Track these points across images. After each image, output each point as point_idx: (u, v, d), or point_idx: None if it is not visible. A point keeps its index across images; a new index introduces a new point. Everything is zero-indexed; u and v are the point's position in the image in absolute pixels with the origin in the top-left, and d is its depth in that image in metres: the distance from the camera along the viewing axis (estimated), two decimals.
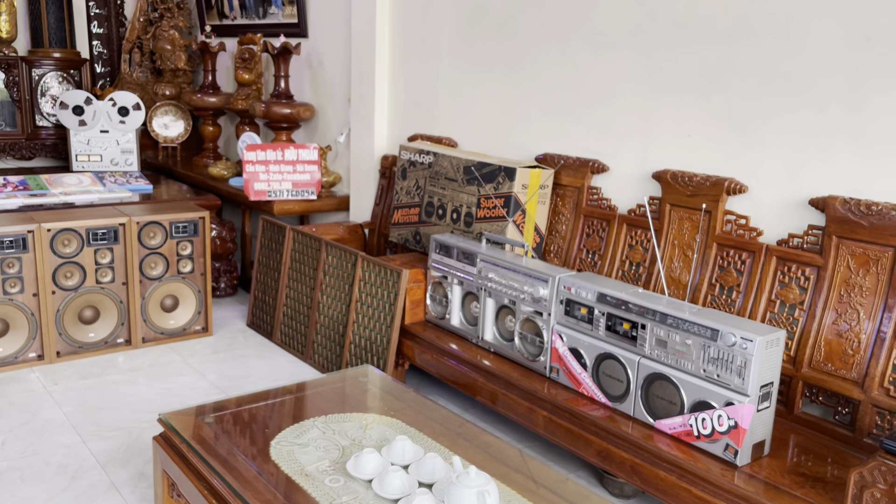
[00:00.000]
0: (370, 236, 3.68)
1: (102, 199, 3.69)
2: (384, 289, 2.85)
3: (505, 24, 3.04)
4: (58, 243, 3.01)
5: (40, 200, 3.53)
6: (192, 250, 3.36)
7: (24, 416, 2.63)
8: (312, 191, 3.84)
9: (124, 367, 3.09)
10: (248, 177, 3.76)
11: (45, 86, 4.67)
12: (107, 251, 3.14)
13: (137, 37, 5.06)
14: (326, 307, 3.13)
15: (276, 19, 4.38)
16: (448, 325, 2.76)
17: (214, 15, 4.94)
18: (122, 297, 3.21)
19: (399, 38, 3.55)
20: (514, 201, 2.72)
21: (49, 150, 4.70)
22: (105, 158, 4.44)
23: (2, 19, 4.56)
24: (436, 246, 2.79)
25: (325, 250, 3.15)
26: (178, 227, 3.30)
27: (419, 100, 3.50)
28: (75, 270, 3.07)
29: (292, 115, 4.04)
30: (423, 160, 3.12)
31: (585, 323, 2.25)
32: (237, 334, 3.54)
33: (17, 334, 2.99)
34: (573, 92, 2.82)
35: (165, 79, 5.06)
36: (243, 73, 4.35)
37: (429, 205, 3.09)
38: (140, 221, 3.20)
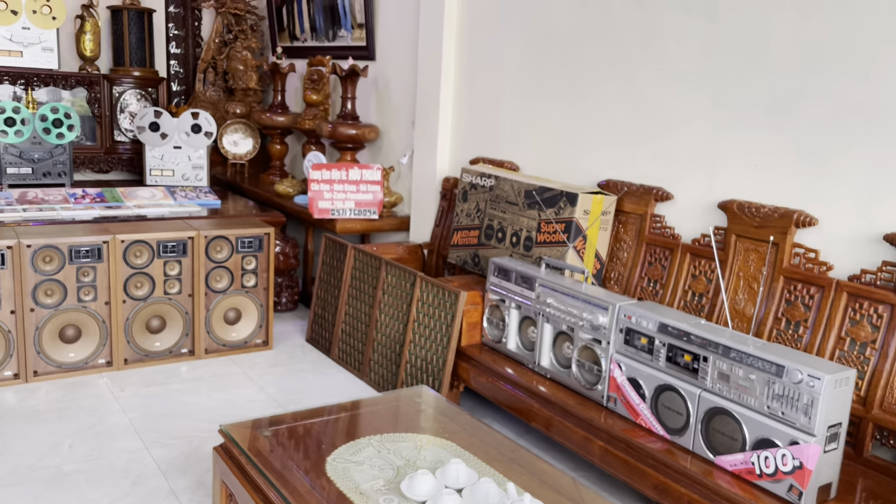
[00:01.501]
0: (429, 257, 3.71)
1: (173, 212, 3.82)
2: (442, 310, 2.86)
3: (571, 50, 3.05)
4: (130, 254, 3.13)
5: (115, 212, 3.68)
6: (256, 265, 3.45)
7: (91, 420, 2.73)
8: (374, 210, 3.90)
9: (187, 377, 3.17)
10: (312, 195, 3.84)
11: (124, 102, 4.88)
12: (175, 263, 3.24)
13: (212, 57, 5.24)
14: (384, 326, 3.16)
15: (345, 42, 4.49)
16: (504, 349, 2.75)
17: (286, 37, 5.09)
18: (188, 308, 3.31)
19: (464, 62, 3.59)
20: (576, 227, 2.71)
21: (125, 164, 4.90)
22: (177, 173, 4.61)
23: (87, 39, 4.80)
24: (494, 269, 2.79)
25: (384, 269, 3.19)
26: (243, 242, 3.39)
27: (482, 123, 3.53)
28: (145, 281, 3.19)
29: (358, 135, 4.11)
30: (485, 183, 3.14)
31: (645, 353, 2.22)
32: (296, 349, 3.60)
33: (89, 341, 3.11)
34: (638, 118, 2.80)
35: (237, 98, 5.22)
36: (312, 93, 4.46)
37: (488, 228, 3.10)
38: (208, 235, 3.30)
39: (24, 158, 4.30)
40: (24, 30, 4.50)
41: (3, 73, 4.45)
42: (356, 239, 4.26)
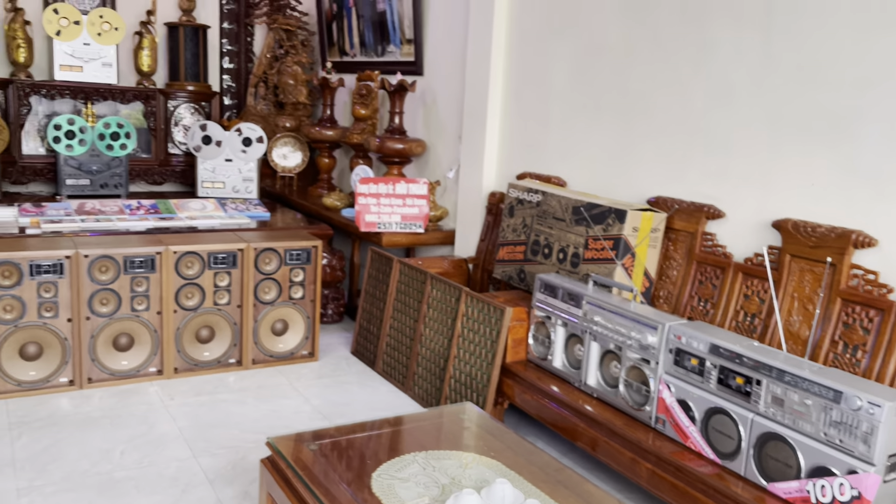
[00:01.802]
0: (474, 271, 3.70)
1: (223, 224, 3.89)
2: (487, 325, 2.85)
3: (620, 65, 3.02)
4: (182, 265, 3.20)
5: (168, 224, 3.77)
6: (303, 277, 3.49)
7: (142, 427, 2.78)
8: (420, 224, 3.91)
9: (234, 387, 3.22)
10: (359, 208, 3.88)
11: (178, 116, 5.01)
12: (225, 275, 3.30)
13: (263, 72, 5.35)
14: (429, 340, 3.16)
15: (394, 57, 4.53)
16: (550, 367, 2.73)
17: (336, 52, 5.16)
18: (237, 319, 3.36)
19: (512, 77, 3.59)
20: (624, 244, 2.67)
21: (178, 176, 5.02)
22: (228, 185, 4.70)
23: (144, 54, 4.94)
24: (541, 285, 2.77)
25: (429, 283, 3.19)
26: (292, 254, 3.44)
27: (529, 138, 3.52)
28: (196, 292, 3.25)
29: (405, 150, 4.14)
30: (532, 199, 3.13)
31: (696, 374, 2.17)
32: (341, 361, 3.62)
33: (141, 349, 3.18)
34: (689, 135, 2.76)
35: (287, 112, 5.31)
36: (360, 108, 4.51)
37: (535, 243, 3.08)
38: (257, 247, 3.35)
39: (83, 170, 4.44)
40: (85, 46, 4.65)
41: (64, 87, 4.61)
42: (401, 252, 4.28)
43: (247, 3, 5.34)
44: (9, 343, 2.90)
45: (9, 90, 4.49)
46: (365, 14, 4.71)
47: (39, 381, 2.99)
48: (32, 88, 4.53)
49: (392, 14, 4.45)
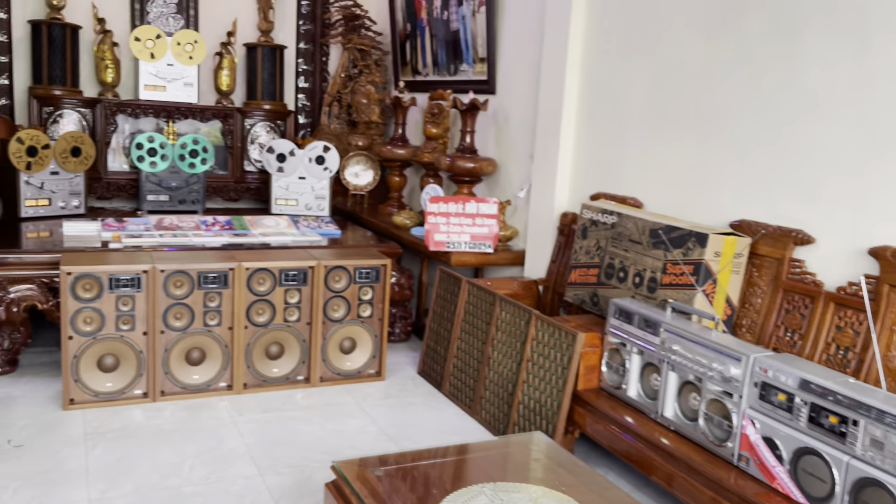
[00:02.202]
0: (544, 293, 3.61)
1: (295, 241, 3.92)
2: (558, 350, 2.76)
3: (702, 82, 2.91)
4: (254, 281, 3.23)
5: (241, 240, 3.83)
6: (372, 295, 3.47)
7: (210, 442, 2.80)
8: (489, 244, 3.85)
9: (301, 405, 3.22)
10: (429, 227, 3.85)
11: (254, 134, 5.11)
12: (295, 292, 3.32)
13: (337, 91, 5.42)
14: (497, 363, 3.08)
15: (467, 76, 4.51)
16: (624, 396, 2.61)
17: (409, 71, 5.18)
18: (306, 336, 3.37)
19: (587, 96, 3.51)
20: (705, 269, 2.55)
21: (253, 193, 5.11)
22: (300, 203, 4.76)
23: (223, 74, 5.07)
24: (615, 311, 2.67)
25: (498, 305, 3.13)
26: (361, 272, 3.43)
27: (604, 158, 3.42)
28: (266, 308, 3.27)
29: (475, 169, 4.10)
30: (606, 220, 3.03)
31: (784, 411, 2.03)
32: (408, 381, 3.59)
33: (212, 364, 3.21)
34: (776, 155, 2.62)
35: (359, 130, 5.36)
36: (432, 127, 4.50)
37: (609, 266, 2.98)
38: (328, 265, 3.35)
39: (163, 186, 4.57)
40: (168, 66, 4.80)
41: (148, 106, 4.77)
42: (470, 272, 4.23)
43: (323, 23, 5.44)
44: (87, 354, 2.98)
45: (96, 109, 4.67)
46: (438, 33, 4.72)
47: (115, 393, 3.05)
48: (118, 107, 4.70)
49: (465, 33, 4.43)
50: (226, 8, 5.13)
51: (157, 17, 5.00)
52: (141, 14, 4.95)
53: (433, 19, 4.75)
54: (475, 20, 4.32)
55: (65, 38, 4.57)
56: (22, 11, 4.63)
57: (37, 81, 4.59)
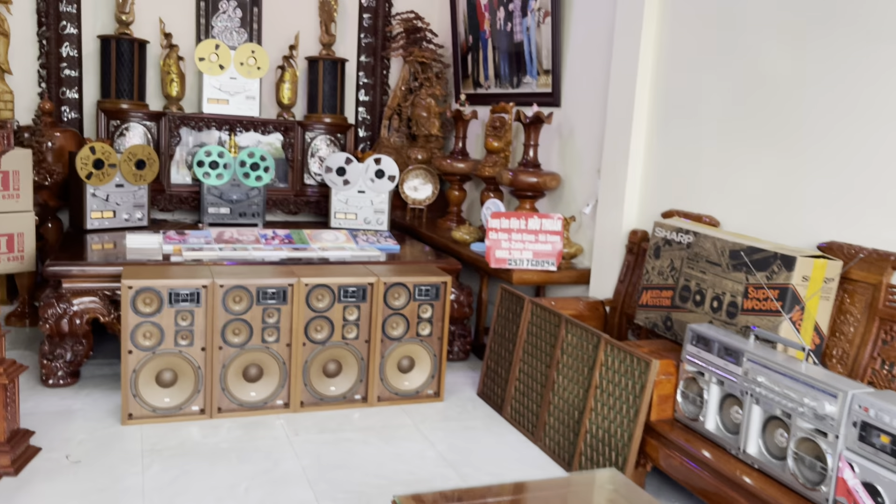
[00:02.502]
0: (611, 315, 3.45)
1: (354, 256, 3.86)
2: (629, 378, 2.60)
3: (786, 95, 2.73)
4: (313, 298, 3.16)
5: (300, 254, 3.78)
6: (431, 314, 3.37)
7: (266, 463, 2.73)
8: (552, 262, 3.72)
9: (359, 425, 3.13)
10: (490, 244, 3.74)
11: (314, 147, 5.09)
12: (354, 308, 3.24)
13: (398, 104, 5.37)
14: (562, 388, 2.94)
15: (530, 89, 4.40)
16: (701, 429, 2.44)
17: (470, 84, 5.10)
18: (364, 354, 3.29)
19: (659, 108, 3.36)
20: (792, 295, 2.36)
21: (313, 206, 5.09)
22: (359, 217, 4.70)
23: (285, 87, 5.07)
24: (693, 337, 2.50)
25: (564, 327, 2.99)
26: (420, 289, 3.34)
27: (676, 173, 3.26)
28: (325, 325, 3.20)
29: (538, 184, 3.97)
30: (681, 239, 2.86)
31: (887, 455, 1.84)
32: (467, 403, 3.47)
33: (269, 381, 3.16)
34: (871, 172, 2.42)
35: (419, 144, 5.29)
36: (493, 140, 4.40)
37: (684, 289, 2.81)
38: (387, 282, 3.27)
39: (224, 199, 4.57)
40: (231, 80, 4.83)
41: (211, 119, 4.79)
42: (531, 290, 4.09)
43: (384, 36, 5.40)
44: (146, 369, 2.95)
45: (161, 122, 4.72)
46: (501, 45, 4.62)
47: (173, 409, 3.02)
48: (182, 120, 4.74)
49: (529, 45, 4.32)
50: (288, 22, 5.14)
51: (222, 31, 5.03)
52: (206, 29, 5.00)
53: (496, 31, 4.65)
54: (540, 31, 4.20)
55: (132, 53, 4.63)
56: (92, 27, 4.72)
57: (105, 95, 4.67)
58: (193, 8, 4.95)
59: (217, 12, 5.01)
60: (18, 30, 4.57)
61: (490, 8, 4.69)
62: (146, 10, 4.80)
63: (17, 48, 4.57)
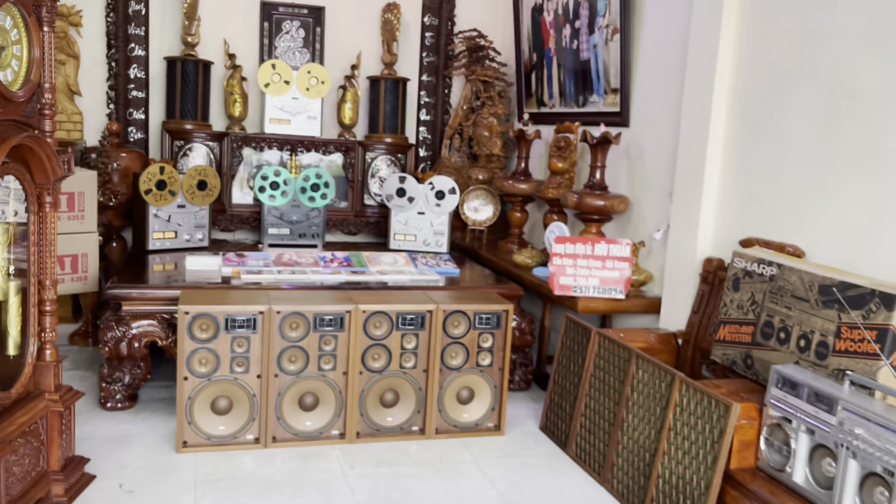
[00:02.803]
0: (684, 348, 3.25)
1: (413, 280, 3.76)
2: (706, 421, 2.41)
3: (881, 112, 2.51)
4: (370, 325, 3.07)
5: (359, 278, 3.70)
6: (492, 343, 3.24)
7: (320, 498, 2.64)
8: (620, 289, 3.54)
9: (416, 459, 3.01)
10: (554, 270, 3.59)
11: (374, 168, 5.04)
12: (412, 336, 3.13)
13: (459, 123, 5.27)
14: (632, 428, 2.76)
15: (597, 108, 4.24)
16: (788, 481, 2.23)
17: (533, 103, 4.97)
18: (422, 384, 3.17)
19: (737, 128, 3.16)
20: (893, 337, 2.14)
21: (372, 227, 5.03)
22: (419, 239, 4.61)
23: (347, 107, 5.04)
24: (778, 379, 2.30)
25: (634, 363, 2.81)
26: (481, 318, 3.21)
27: (756, 198, 3.05)
28: (382, 353, 3.10)
29: (605, 207, 3.81)
30: (763, 271, 2.66)
31: None
32: (529, 437, 3.31)
33: (325, 410, 3.07)
34: None
35: (480, 164, 5.18)
36: (557, 161, 4.26)
37: (767, 325, 2.60)
38: (446, 310, 3.15)
39: (284, 220, 4.55)
40: (293, 100, 4.82)
41: (273, 139, 4.79)
42: (597, 319, 3.92)
43: (446, 55, 5.32)
44: (202, 396, 2.90)
45: (223, 142, 4.74)
46: (566, 63, 4.48)
47: (227, 437, 2.96)
48: (244, 141, 4.75)
49: (596, 62, 4.17)
50: (351, 41, 5.11)
51: (285, 51, 5.04)
52: (269, 49, 5.01)
53: (561, 49, 4.52)
54: (608, 49, 4.05)
55: (197, 74, 4.67)
56: (159, 48, 4.78)
57: (170, 116, 4.71)
58: (257, 29, 4.98)
59: (280, 32, 5.02)
60: (89, 52, 4.66)
61: (555, 25, 4.56)
62: (211, 32, 4.84)
63: (87, 70, 4.67)
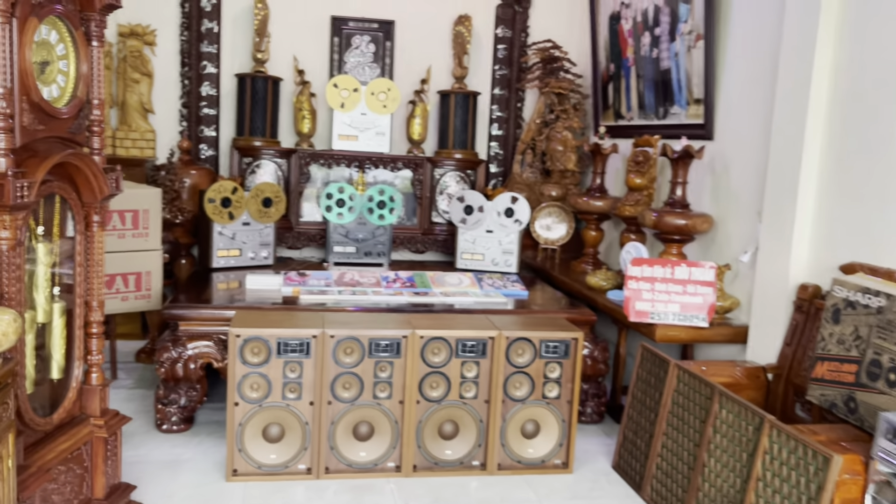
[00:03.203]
0: (775, 384, 2.93)
1: (478, 302, 3.57)
2: (801, 473, 2.11)
3: None
4: (428, 351, 2.90)
5: (421, 299, 3.54)
6: (560, 373, 3.01)
7: None
8: (703, 317, 3.24)
9: (476, 497, 2.81)
10: (630, 294, 3.32)
11: (443, 184, 4.89)
12: (473, 364, 2.94)
13: (532, 138, 5.07)
14: (714, 475, 2.47)
15: (678, 120, 3.96)
16: None
17: (610, 115, 4.72)
18: (483, 415, 2.97)
19: (836, 141, 2.84)
20: None
21: (440, 245, 4.87)
22: (487, 258, 4.42)
23: (416, 123, 4.92)
24: (888, 429, 1.99)
25: (717, 401, 2.52)
26: (548, 346, 2.99)
27: (858, 218, 2.72)
28: (441, 381, 2.92)
29: (687, 226, 3.52)
30: (869, 302, 2.34)
31: None
32: (600, 476, 3.05)
33: (380, 441, 2.91)
34: None
35: (553, 180, 4.96)
36: (635, 176, 3.99)
37: (873, 364, 2.28)
38: (510, 336, 2.95)
39: (350, 238, 4.45)
40: (362, 116, 4.73)
41: (341, 156, 4.71)
42: (676, 349, 3.62)
43: (519, 67, 5.14)
44: (253, 423, 2.79)
45: (291, 159, 4.69)
46: (646, 73, 4.22)
47: (278, 466, 2.83)
48: (312, 157, 4.69)
49: (678, 72, 3.90)
50: (420, 55, 4.99)
51: (354, 66, 4.97)
52: (339, 64, 4.95)
53: (640, 58, 4.26)
54: (690, 57, 3.77)
55: (266, 90, 4.64)
56: (230, 65, 4.80)
57: (240, 133, 4.70)
58: (327, 44, 4.92)
59: (350, 48, 4.95)
60: (163, 70, 4.71)
61: (633, 33, 4.30)
62: (281, 48, 4.81)
63: (160, 88, 4.72)
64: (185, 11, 4.69)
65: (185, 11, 4.69)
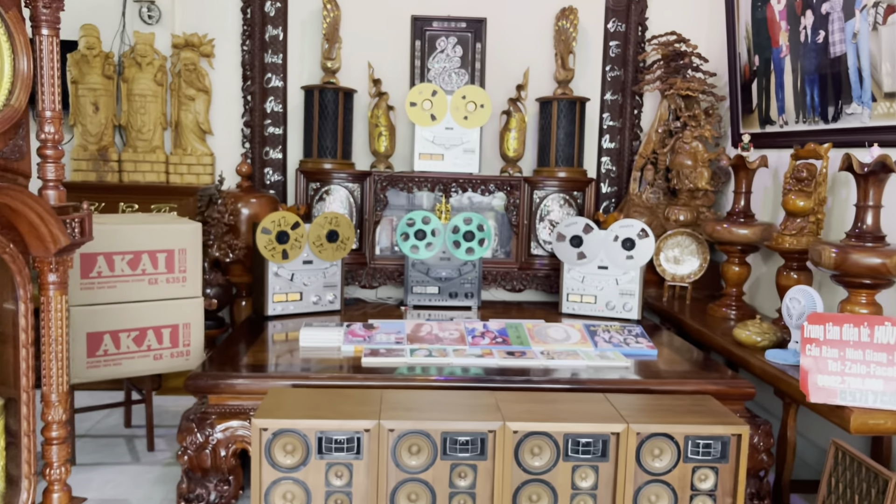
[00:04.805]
0: None
1: (591, 367, 2.73)
2: None
3: None
4: (525, 451, 2.08)
5: (517, 362, 2.73)
6: (714, 483, 2.12)
7: None
8: None
9: None
10: (807, 364, 2.39)
11: (545, 209, 4.07)
12: (589, 470, 2.10)
13: (653, 151, 4.17)
14: None
15: (858, 122, 2.98)
16: None
17: (754, 121, 3.76)
18: None
19: None
20: None
21: (541, 282, 4.05)
22: (599, 300, 3.57)
23: (511, 136, 4.13)
24: None
25: None
26: (697, 444, 2.11)
27: None
28: (544, 493, 2.10)
29: (881, 267, 2.55)
30: None
31: None
32: None
33: None
34: None
35: (680, 201, 4.04)
36: (797, 198, 3.05)
37: None
38: (641, 432, 2.09)
39: (431, 276, 3.70)
40: (447, 130, 4.00)
41: (422, 179, 3.99)
42: (866, 440, 2.64)
43: (636, 67, 4.26)
44: None
45: (365, 183, 4.01)
46: (806, 64, 3.26)
47: None
48: (389, 181, 3.99)
49: (857, 58, 2.93)
50: (516, 57, 4.21)
51: (439, 73, 4.25)
52: (421, 72, 4.24)
53: (798, 45, 3.31)
54: (877, 36, 2.80)
55: (337, 105, 3.99)
56: (298, 78, 4.18)
57: (307, 154, 4.07)
58: (407, 49, 4.23)
59: (434, 52, 4.24)
60: (222, 86, 4.15)
61: (789, 14, 3.36)
62: (355, 55, 4.16)
63: (219, 106, 4.16)
64: (246, 18, 4.12)
65: (247, 18, 4.11)
